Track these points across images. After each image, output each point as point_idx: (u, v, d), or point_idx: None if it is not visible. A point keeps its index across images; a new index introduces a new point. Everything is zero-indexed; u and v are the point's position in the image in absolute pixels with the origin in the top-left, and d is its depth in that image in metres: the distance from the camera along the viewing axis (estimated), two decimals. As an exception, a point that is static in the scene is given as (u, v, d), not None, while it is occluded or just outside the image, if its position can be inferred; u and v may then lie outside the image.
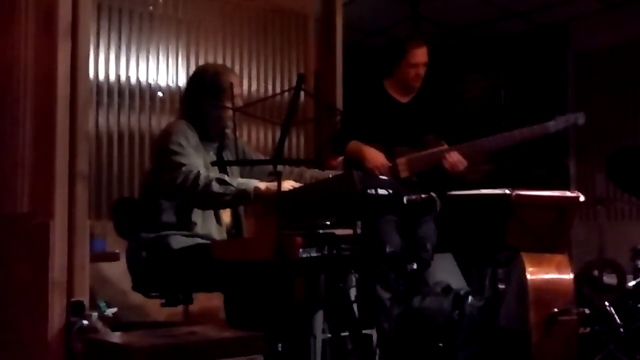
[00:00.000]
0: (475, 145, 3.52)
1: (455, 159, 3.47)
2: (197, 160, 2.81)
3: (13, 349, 2.85)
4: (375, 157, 3.52)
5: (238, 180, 2.74)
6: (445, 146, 3.54)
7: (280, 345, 2.37)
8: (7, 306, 2.89)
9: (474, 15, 6.07)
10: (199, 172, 2.70)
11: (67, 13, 2.84)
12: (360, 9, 5.44)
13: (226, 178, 2.71)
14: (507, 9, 5.93)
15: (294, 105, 2.48)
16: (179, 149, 2.78)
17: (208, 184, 2.66)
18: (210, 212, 2.93)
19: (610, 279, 4.20)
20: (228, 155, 3.07)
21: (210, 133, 2.99)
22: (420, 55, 3.64)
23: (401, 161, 3.56)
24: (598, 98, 5.93)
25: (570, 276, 3.46)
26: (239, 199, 2.70)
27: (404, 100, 3.73)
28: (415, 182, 3.50)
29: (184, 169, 2.71)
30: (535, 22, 6.21)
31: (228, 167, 3.01)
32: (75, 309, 2.69)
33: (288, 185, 2.65)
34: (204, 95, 2.94)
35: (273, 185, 2.64)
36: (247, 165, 3.08)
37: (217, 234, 2.93)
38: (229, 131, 3.02)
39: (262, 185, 2.69)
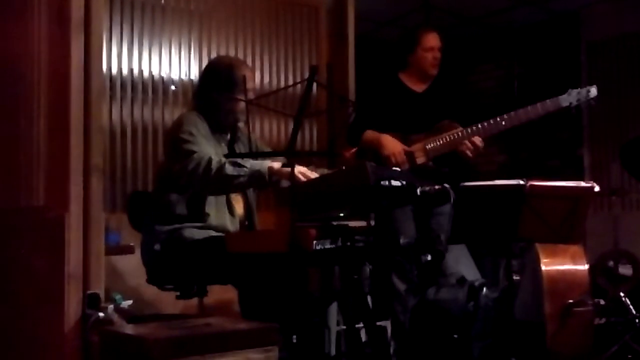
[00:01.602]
0: (492, 125, 3.50)
1: (475, 142, 3.45)
2: (208, 148, 2.82)
3: (30, 341, 2.87)
4: (392, 144, 3.53)
5: (251, 162, 2.74)
6: (461, 128, 3.53)
7: (294, 336, 2.37)
8: (24, 299, 2.91)
9: (486, 4, 6.03)
10: (210, 157, 2.70)
11: (79, 6, 2.84)
12: (372, -1, 5.42)
13: (238, 160, 2.71)
14: (519, -2, 5.90)
15: (306, 98, 2.48)
16: (189, 138, 2.79)
17: (221, 168, 2.67)
18: (223, 204, 2.94)
19: (625, 270, 4.18)
20: (240, 148, 3.07)
21: (222, 125, 3.00)
22: (433, 39, 3.68)
23: (417, 147, 3.56)
24: (611, 87, 5.88)
25: (585, 267, 3.44)
26: (253, 179, 2.70)
27: (419, 89, 3.73)
28: (433, 169, 3.50)
29: (195, 156, 2.73)
30: (548, 11, 6.16)
31: (240, 160, 3.01)
32: (91, 302, 2.70)
33: (301, 169, 2.65)
34: (217, 87, 2.94)
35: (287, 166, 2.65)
36: (260, 158, 3.08)
37: (231, 225, 2.94)
38: (242, 125, 3.03)
39: (276, 164, 2.70)
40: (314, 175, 2.69)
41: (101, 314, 2.68)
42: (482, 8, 6.13)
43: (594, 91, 3.46)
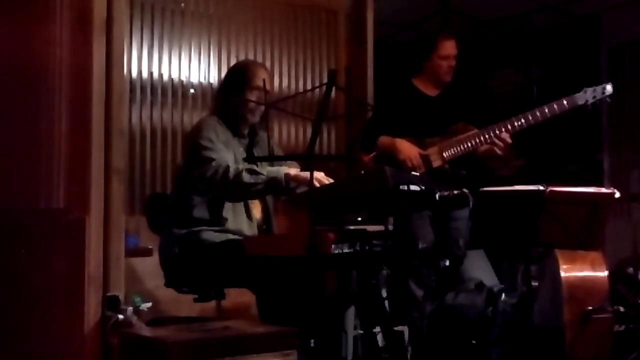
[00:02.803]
0: (508, 125, 3.48)
1: (504, 138, 3.43)
2: (227, 155, 2.84)
3: (50, 343, 2.89)
4: (407, 148, 3.52)
5: (268, 169, 2.77)
6: (476, 131, 3.52)
7: (312, 340, 2.37)
8: (44, 300, 2.93)
9: (505, 8, 6.01)
10: (228, 165, 2.73)
11: (101, 10, 2.87)
12: (390, 3, 5.41)
13: (255, 168, 2.73)
14: (539, 2, 5.86)
15: (326, 102, 2.48)
16: (209, 144, 2.81)
17: (238, 175, 2.69)
18: (241, 208, 2.95)
19: (645, 276, 4.14)
20: (259, 152, 3.08)
21: (240, 128, 3.01)
22: (450, 47, 3.66)
23: (433, 150, 3.55)
24: (632, 92, 5.83)
25: (604, 273, 3.41)
26: (270, 186, 2.72)
27: (432, 94, 3.72)
28: (449, 171, 3.49)
29: (213, 163, 2.75)
30: (568, 14, 6.13)
31: (258, 164, 3.02)
32: (110, 303, 2.72)
33: (319, 176, 2.66)
34: (229, 89, 2.96)
35: (304, 172, 2.66)
36: (278, 162, 3.09)
37: (248, 229, 2.95)
38: (261, 132, 3.05)
39: (292, 170, 2.72)
40: (330, 181, 2.70)
41: (120, 316, 2.70)
42: (501, 11, 6.11)
43: (609, 88, 3.44)
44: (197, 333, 2.26)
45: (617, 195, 2.84)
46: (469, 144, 3.51)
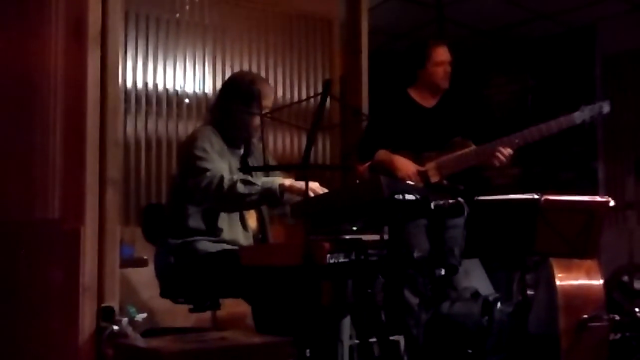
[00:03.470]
0: (505, 142, 3.48)
1: (505, 153, 3.44)
2: (222, 165, 2.84)
3: (45, 354, 2.88)
4: (405, 165, 3.51)
5: (262, 179, 2.77)
6: (474, 147, 3.52)
7: (308, 350, 2.37)
8: (39, 311, 2.93)
9: (500, 17, 6.04)
10: (222, 175, 2.73)
11: (96, 20, 2.88)
12: (385, 12, 5.44)
13: (250, 178, 2.73)
14: (534, 11, 5.89)
15: (321, 111, 2.48)
16: (203, 154, 2.81)
17: (233, 186, 2.69)
18: (237, 218, 2.95)
19: (640, 284, 4.15)
20: (253, 162, 3.09)
21: (237, 140, 3.01)
22: (444, 52, 3.66)
23: (430, 166, 3.55)
24: (627, 101, 5.86)
25: (600, 282, 3.41)
26: (265, 197, 2.72)
27: (428, 105, 3.72)
28: (447, 186, 3.49)
29: (208, 173, 2.74)
30: (563, 24, 6.16)
31: (253, 174, 3.02)
32: (105, 314, 2.72)
33: (314, 186, 2.66)
34: (236, 100, 2.96)
35: (298, 182, 2.67)
36: (273, 172, 3.09)
37: (244, 239, 2.95)
38: (255, 141, 3.05)
39: (287, 181, 2.72)
40: (325, 191, 2.70)
41: (115, 327, 2.70)
42: (496, 21, 6.13)
43: (606, 107, 3.46)
44: (193, 344, 2.25)
45: (612, 203, 2.85)
46: (467, 163, 3.51)
